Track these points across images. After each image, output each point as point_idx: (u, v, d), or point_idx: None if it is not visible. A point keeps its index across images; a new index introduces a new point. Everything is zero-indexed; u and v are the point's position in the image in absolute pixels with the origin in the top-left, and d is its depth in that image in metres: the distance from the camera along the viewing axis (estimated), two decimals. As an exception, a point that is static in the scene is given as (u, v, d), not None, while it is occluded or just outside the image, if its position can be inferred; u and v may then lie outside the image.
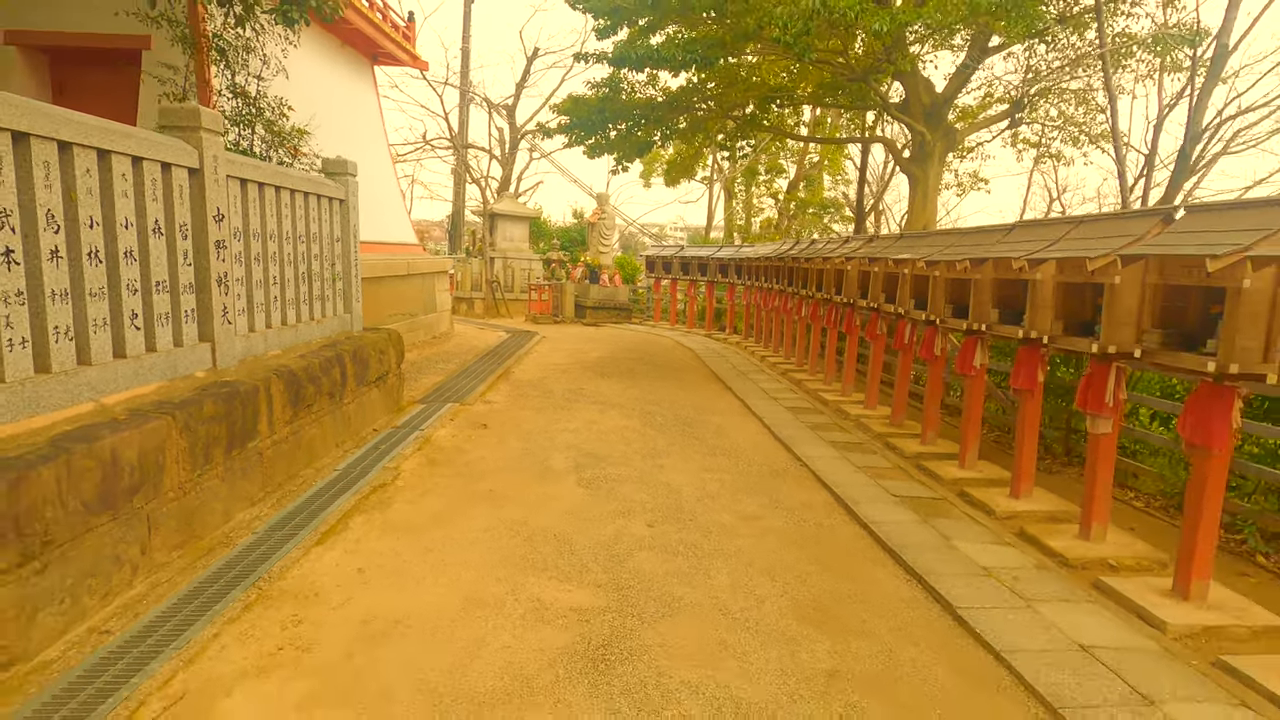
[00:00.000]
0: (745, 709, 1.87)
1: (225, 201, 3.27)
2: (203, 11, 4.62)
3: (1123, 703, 1.95)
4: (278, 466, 3.35)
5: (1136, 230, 2.92)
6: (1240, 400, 2.54)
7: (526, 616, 2.31)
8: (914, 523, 3.29)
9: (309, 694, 1.88)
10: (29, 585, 1.94)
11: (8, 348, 2.15)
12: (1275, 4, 6.09)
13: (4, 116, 2.10)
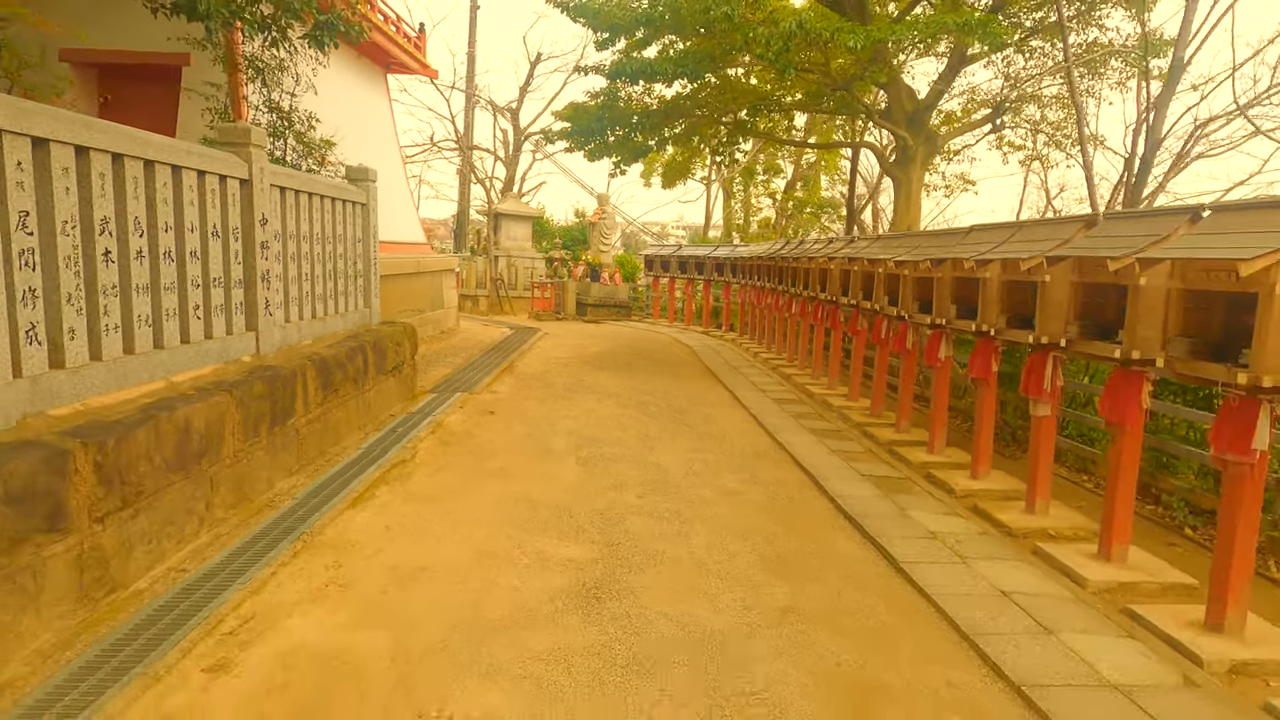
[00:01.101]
0: (711, 633, 2.28)
1: (269, 207, 3.71)
2: (238, 35, 5.05)
3: (1026, 632, 2.36)
4: (310, 443, 3.78)
5: (1065, 234, 3.32)
6: (1150, 383, 2.94)
7: (531, 565, 2.72)
8: (876, 497, 3.69)
9: (352, 618, 2.30)
10: (127, 527, 2.37)
11: (104, 332, 2.58)
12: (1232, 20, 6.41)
13: (105, 141, 2.54)
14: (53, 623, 2.06)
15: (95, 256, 2.56)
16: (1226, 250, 2.32)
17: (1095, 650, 2.25)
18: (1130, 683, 2.07)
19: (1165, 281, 2.66)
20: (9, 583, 1.93)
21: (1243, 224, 2.44)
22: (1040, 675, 2.08)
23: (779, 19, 5.88)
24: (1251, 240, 2.27)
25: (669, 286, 13.44)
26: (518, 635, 2.22)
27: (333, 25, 4.66)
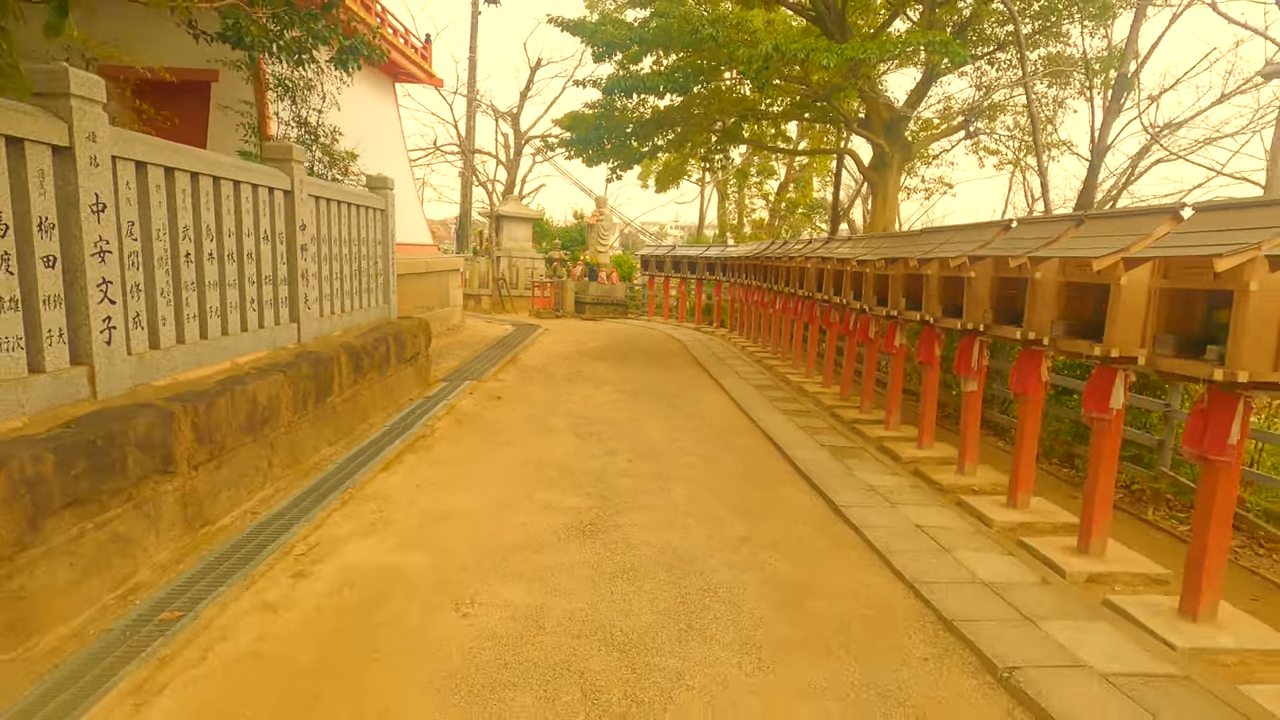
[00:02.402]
0: (682, 553, 2.88)
1: (307, 214, 4.29)
2: (264, 56, 5.62)
3: (927, 551, 2.96)
4: (344, 419, 4.36)
5: (987, 236, 3.93)
6: (1049, 361, 3.54)
7: (537, 510, 3.32)
8: (830, 460, 4.30)
9: (397, 544, 2.89)
10: (214, 475, 2.96)
11: (186, 321, 3.17)
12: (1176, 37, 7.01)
13: (185, 162, 3.12)
14: (167, 544, 2.65)
15: (179, 257, 3.14)
16: (1093, 250, 2.92)
17: (978, 563, 2.85)
18: (998, 581, 2.68)
19: (1056, 277, 3.27)
20: (138, 510, 2.52)
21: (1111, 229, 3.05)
22: (930, 577, 2.68)
23: (759, 39, 6.46)
24: (1105, 243, 2.88)
25: (664, 285, 14.04)
26: (529, 555, 2.81)
27: (356, 49, 5.24)
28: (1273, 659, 2.34)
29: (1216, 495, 2.46)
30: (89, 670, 1.96)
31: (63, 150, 2.47)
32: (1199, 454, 2.49)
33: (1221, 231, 2.42)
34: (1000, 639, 2.25)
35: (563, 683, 1.99)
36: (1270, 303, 2.24)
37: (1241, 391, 2.37)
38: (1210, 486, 2.48)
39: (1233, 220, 2.46)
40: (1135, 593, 2.78)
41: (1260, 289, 2.23)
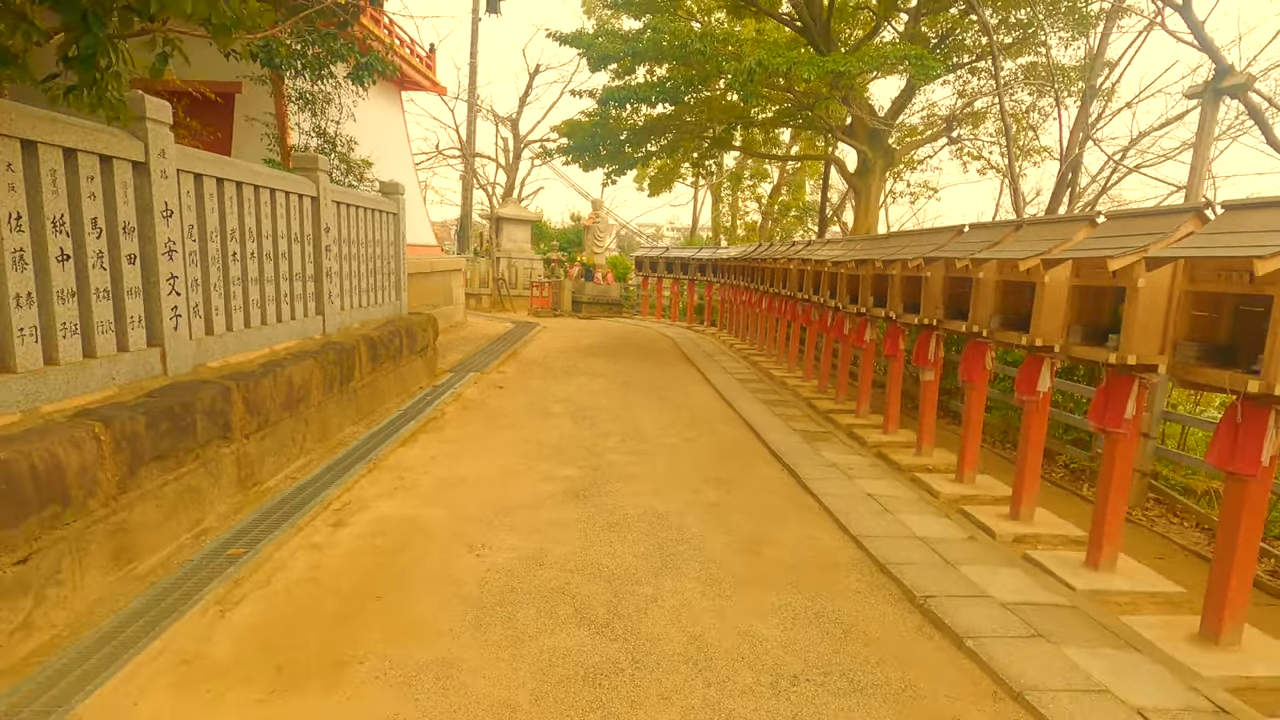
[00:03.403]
0: (661, 513, 3.35)
1: (330, 218, 4.76)
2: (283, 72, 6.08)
3: (873, 514, 3.43)
4: (364, 402, 4.82)
5: (942, 239, 4.41)
6: (994, 352, 4.02)
7: (537, 478, 3.78)
8: (801, 444, 4.77)
9: (418, 503, 3.35)
10: (261, 444, 3.42)
11: (233, 311, 3.63)
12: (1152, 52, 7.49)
13: (234, 173, 3.59)
14: (226, 498, 3.12)
15: (227, 256, 3.61)
16: (1022, 253, 3.39)
17: (917, 524, 3.33)
18: (931, 537, 3.15)
19: (995, 276, 3.74)
20: (205, 468, 2.98)
21: (1041, 234, 3.52)
22: (872, 533, 3.15)
23: (744, 54, 6.95)
24: (1034, 246, 3.36)
25: (657, 286, 14.51)
26: (530, 512, 3.28)
27: (371, 66, 5.70)
28: (1159, 599, 2.81)
29: (1115, 462, 2.93)
30: (179, 587, 2.43)
31: (140, 165, 2.93)
32: (1101, 427, 2.96)
33: (1124, 236, 2.89)
34: (922, 577, 2.73)
35: (559, 602, 2.45)
36: (1155, 297, 2.71)
37: (1134, 372, 2.84)
38: (1111, 454, 2.95)
39: (1133, 226, 2.93)
40: (1054, 550, 3.25)
41: (1147, 285, 2.70)
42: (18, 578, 2.09)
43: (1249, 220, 2.25)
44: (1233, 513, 2.25)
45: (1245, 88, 3.98)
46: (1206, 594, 2.32)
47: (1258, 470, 2.13)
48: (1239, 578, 2.23)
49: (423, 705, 1.88)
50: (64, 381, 2.54)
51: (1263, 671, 2.14)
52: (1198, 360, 2.31)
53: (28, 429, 2.28)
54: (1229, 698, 1.97)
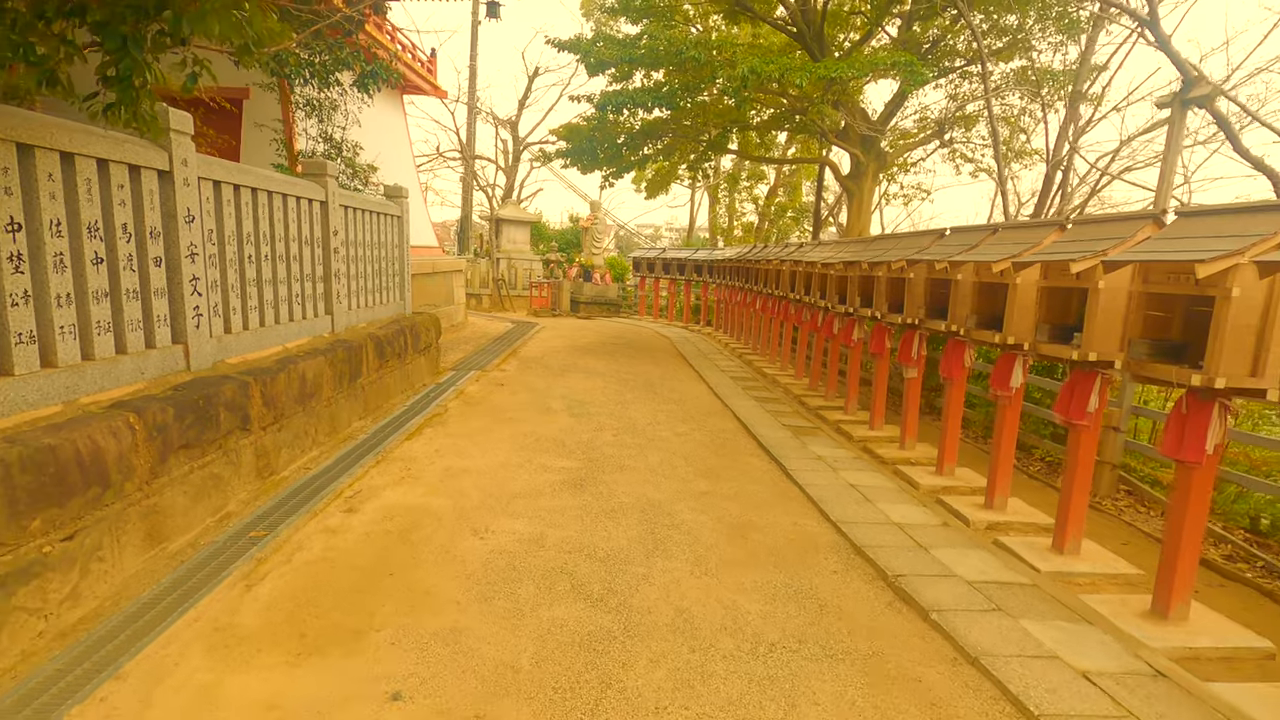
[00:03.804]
0: (654, 500, 3.55)
1: (338, 221, 4.95)
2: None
3: (854, 502, 3.64)
4: (371, 398, 5.02)
5: (925, 243, 4.61)
6: (971, 349, 4.22)
7: (537, 469, 3.98)
8: (790, 438, 4.98)
9: (424, 491, 3.55)
10: (276, 436, 3.61)
11: (249, 311, 3.83)
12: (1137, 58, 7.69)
13: (249, 180, 3.79)
14: (246, 485, 3.31)
15: (244, 259, 3.80)
16: (995, 256, 3.60)
17: (895, 511, 3.53)
18: (908, 523, 3.36)
19: (972, 278, 3.95)
20: (226, 457, 3.18)
21: (1014, 238, 3.73)
22: (852, 519, 3.36)
23: (737, 61, 7.15)
24: (1007, 250, 3.56)
25: (654, 286, 14.71)
26: (530, 499, 3.48)
27: (376, 74, 5.90)
28: (1118, 580, 3.01)
29: (1079, 452, 3.14)
30: (208, 564, 2.63)
31: (165, 174, 3.13)
32: (1066, 420, 3.17)
33: (1088, 241, 3.10)
34: (896, 559, 2.93)
35: (557, 579, 2.65)
36: (1114, 298, 2.91)
37: (1095, 368, 3.04)
38: (1075, 445, 3.16)
39: (1097, 232, 3.14)
40: (1024, 536, 3.46)
41: (1106, 287, 2.90)
42: (65, 553, 2.29)
43: (1198, 227, 2.46)
44: (1180, 498, 2.45)
45: (1211, 98, 4.18)
46: (1157, 573, 2.53)
47: (1202, 458, 2.33)
48: (1186, 558, 2.43)
49: (435, 666, 2.08)
50: (99, 376, 2.74)
51: (1205, 643, 2.34)
52: (1150, 356, 2.52)
53: (70, 419, 2.48)
54: (1170, 664, 2.17)
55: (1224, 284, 2.12)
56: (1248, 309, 2.10)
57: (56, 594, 2.25)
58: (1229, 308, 2.10)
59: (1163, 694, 1.99)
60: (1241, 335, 2.11)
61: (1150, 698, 1.97)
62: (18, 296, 2.39)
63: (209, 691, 1.95)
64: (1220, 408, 2.28)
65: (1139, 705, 1.93)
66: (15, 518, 2.11)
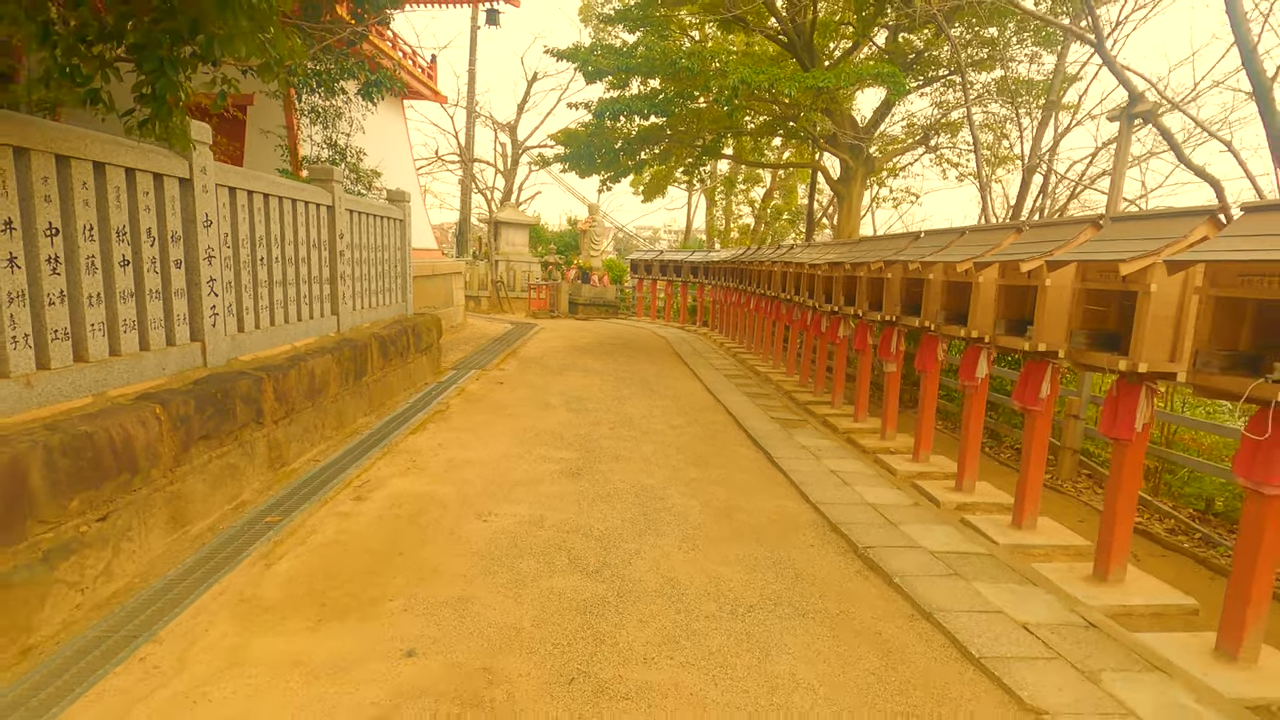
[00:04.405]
0: (647, 486, 3.77)
1: (344, 225, 5.17)
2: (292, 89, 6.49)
3: (834, 486, 3.86)
4: (375, 395, 5.23)
5: (901, 244, 4.86)
6: (943, 344, 4.46)
7: (536, 459, 4.20)
8: (777, 430, 5.20)
9: (429, 480, 3.76)
10: (287, 430, 3.82)
11: (260, 311, 4.04)
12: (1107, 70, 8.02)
13: (260, 186, 4.00)
14: (259, 475, 3.52)
15: (256, 261, 4.01)
16: (961, 257, 3.84)
17: (871, 494, 3.76)
18: (881, 504, 3.58)
19: (941, 277, 4.19)
20: (242, 449, 3.38)
21: (979, 240, 3.97)
22: (830, 501, 3.58)
23: (729, 71, 7.40)
24: (972, 251, 3.80)
25: (652, 288, 14.95)
26: (531, 486, 3.70)
27: (380, 83, 6.12)
28: (1069, 551, 3.24)
29: (1035, 436, 3.37)
30: (228, 546, 2.83)
31: (185, 181, 3.34)
32: (1022, 406, 3.40)
33: (1039, 243, 3.34)
34: (867, 533, 3.15)
35: (556, 555, 2.87)
36: (1060, 295, 3.15)
37: (1046, 359, 3.28)
38: (1030, 430, 3.39)
39: (1047, 235, 3.39)
40: (988, 515, 3.68)
41: (1052, 285, 3.14)
42: (99, 532, 2.50)
43: (1129, 230, 2.70)
44: (1116, 471, 2.69)
45: (1153, 113, 4.45)
46: (1097, 540, 2.76)
47: (1132, 435, 2.56)
48: (1122, 524, 2.66)
49: (444, 629, 2.29)
50: (125, 370, 2.95)
51: (1138, 601, 2.57)
52: (1088, 346, 2.75)
53: (102, 409, 2.69)
54: (1102, 618, 2.40)
55: (1144, 281, 2.36)
56: (1165, 303, 2.33)
57: (92, 570, 2.45)
58: (1149, 302, 2.34)
59: (1091, 640, 2.21)
60: (1160, 326, 2.35)
61: (1079, 643, 2.19)
62: (54, 296, 2.60)
63: (238, 652, 2.16)
64: (1147, 391, 2.51)
65: (1068, 649, 2.15)
66: (56, 498, 2.32)
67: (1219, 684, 2.07)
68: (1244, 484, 2.14)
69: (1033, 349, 3.18)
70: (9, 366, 2.39)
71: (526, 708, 1.90)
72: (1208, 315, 2.15)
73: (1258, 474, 2.11)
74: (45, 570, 2.25)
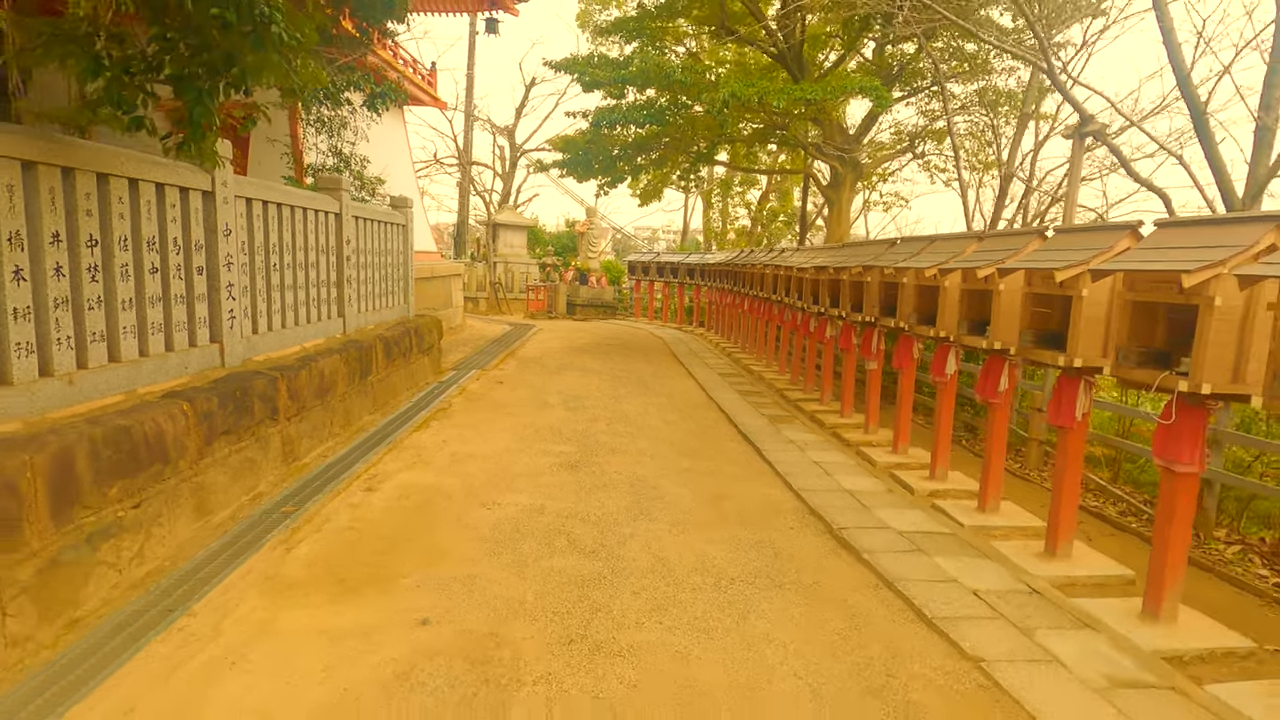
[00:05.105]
0: (641, 476, 4.01)
1: (350, 231, 5.40)
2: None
3: (816, 475, 4.11)
4: (380, 394, 5.46)
5: (879, 250, 5.12)
6: (919, 344, 4.72)
7: (536, 453, 4.43)
8: (766, 425, 5.45)
9: (435, 473, 4.00)
10: (299, 426, 4.05)
11: (273, 314, 4.27)
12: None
13: (274, 196, 4.24)
14: (274, 469, 3.75)
15: (269, 267, 4.24)
16: (929, 263, 4.10)
17: (850, 483, 4.01)
18: (858, 491, 3.84)
19: (913, 281, 4.44)
20: (259, 444, 3.61)
21: (946, 247, 4.23)
22: (811, 488, 3.83)
23: (720, 84, 7.67)
24: (939, 258, 4.06)
25: (649, 289, 15.21)
26: (531, 477, 3.94)
27: (385, 95, 6.36)
28: (1028, 531, 3.48)
29: (995, 426, 3.63)
30: (249, 533, 3.06)
31: (208, 194, 3.58)
32: (984, 399, 3.66)
33: (995, 251, 3.60)
34: (842, 516, 3.40)
35: (556, 538, 3.11)
36: (1012, 299, 3.40)
37: (1001, 356, 3.53)
38: (991, 420, 3.65)
39: (1001, 244, 3.65)
40: (957, 501, 3.93)
41: (1005, 289, 3.40)
42: (134, 518, 2.72)
43: (1069, 241, 2.96)
44: (1061, 455, 2.94)
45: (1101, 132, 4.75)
46: (1048, 520, 3.01)
47: (1073, 423, 2.82)
48: (1068, 503, 2.92)
49: (455, 601, 2.53)
50: (153, 369, 3.18)
51: (1082, 573, 2.83)
52: (1034, 344, 3.01)
53: (134, 405, 2.92)
54: (1046, 586, 2.66)
55: (1077, 286, 2.62)
56: (1096, 305, 2.60)
57: (128, 552, 2.68)
58: (1082, 305, 2.60)
59: (1032, 604, 2.47)
60: (1093, 326, 2.61)
61: (1021, 606, 2.45)
62: (93, 301, 2.83)
63: (268, 623, 2.39)
64: (1085, 383, 2.78)
65: (1010, 610, 2.41)
66: (99, 485, 2.55)
67: (1139, 638, 2.33)
68: (1159, 463, 2.41)
69: (990, 347, 3.44)
70: (54, 366, 2.62)
71: (531, 664, 2.14)
72: (1126, 317, 2.42)
73: (1169, 454, 2.38)
74: (89, 551, 2.48)
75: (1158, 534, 2.48)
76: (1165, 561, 2.40)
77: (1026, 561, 2.88)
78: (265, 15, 2.53)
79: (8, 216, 2.39)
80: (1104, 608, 2.49)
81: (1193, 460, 2.43)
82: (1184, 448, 2.39)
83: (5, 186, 2.37)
